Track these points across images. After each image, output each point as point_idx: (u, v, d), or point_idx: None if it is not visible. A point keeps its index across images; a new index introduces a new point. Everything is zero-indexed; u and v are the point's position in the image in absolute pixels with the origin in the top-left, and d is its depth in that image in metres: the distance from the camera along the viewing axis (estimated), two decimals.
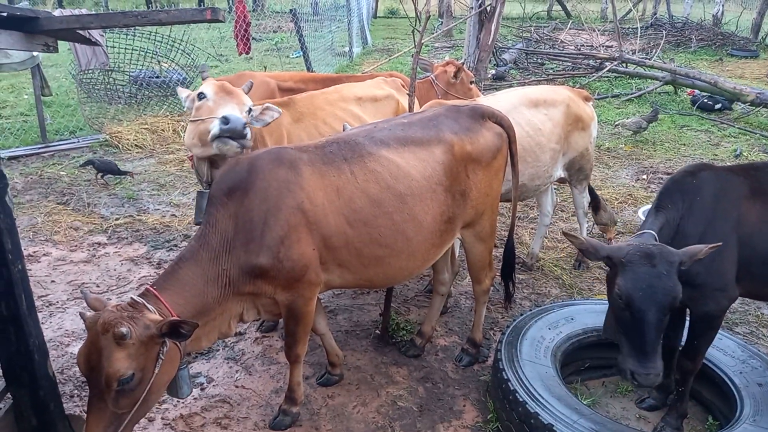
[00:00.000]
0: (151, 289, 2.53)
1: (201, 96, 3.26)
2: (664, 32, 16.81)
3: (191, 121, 3.29)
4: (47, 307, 4.31)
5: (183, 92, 3.52)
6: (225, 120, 2.99)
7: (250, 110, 3.30)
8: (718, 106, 10.20)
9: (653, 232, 2.75)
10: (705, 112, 10.25)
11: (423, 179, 3.02)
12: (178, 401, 3.36)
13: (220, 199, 2.73)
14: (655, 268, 2.49)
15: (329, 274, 2.94)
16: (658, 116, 8.86)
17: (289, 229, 2.71)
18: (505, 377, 3.03)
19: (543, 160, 4.33)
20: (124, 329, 2.22)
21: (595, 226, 5.35)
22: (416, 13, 4.70)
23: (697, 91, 10.67)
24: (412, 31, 4.72)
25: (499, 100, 4.36)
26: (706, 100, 10.35)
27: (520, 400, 2.88)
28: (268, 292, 2.80)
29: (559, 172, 4.60)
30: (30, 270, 4.44)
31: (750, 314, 4.37)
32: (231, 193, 2.72)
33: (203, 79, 3.41)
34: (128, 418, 2.32)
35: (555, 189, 5.22)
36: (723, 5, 20.01)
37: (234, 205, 2.71)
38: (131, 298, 2.45)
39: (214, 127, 3.05)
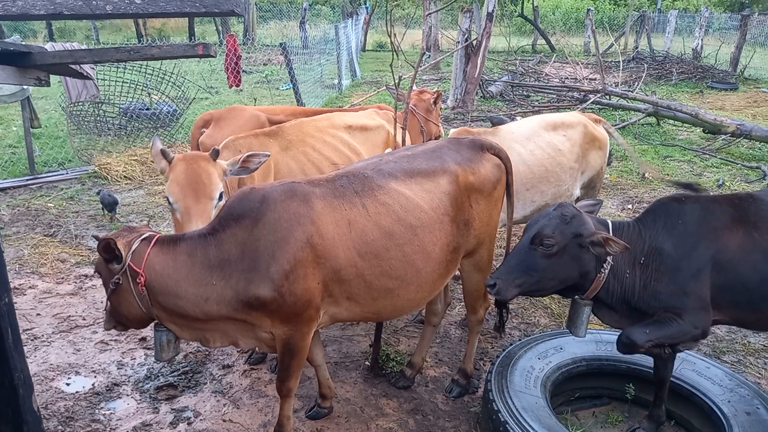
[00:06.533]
0: (154, 237, 2.72)
1: (168, 200, 3.20)
2: (645, 65, 17.21)
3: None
4: (32, 340, 4.25)
5: (161, 162, 3.30)
6: None
7: (221, 195, 3.22)
8: None
9: (608, 221, 3.03)
10: None
11: (431, 210, 3.05)
12: None
13: (229, 223, 2.74)
14: (552, 212, 2.95)
15: (337, 307, 2.92)
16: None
17: (295, 263, 2.68)
18: (495, 408, 3.02)
19: (564, 179, 4.54)
20: (97, 237, 2.68)
21: None
22: (392, 48, 4.77)
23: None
24: (390, 65, 4.83)
25: (520, 126, 4.65)
26: None
27: (510, 431, 2.86)
28: (266, 325, 2.77)
29: (578, 192, 4.74)
30: (15, 303, 4.37)
31: (737, 342, 4.39)
32: (240, 219, 2.72)
33: (169, 162, 3.24)
34: (107, 305, 2.83)
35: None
36: (702, 39, 20.54)
37: (243, 232, 2.70)
38: (145, 226, 2.84)
39: None
